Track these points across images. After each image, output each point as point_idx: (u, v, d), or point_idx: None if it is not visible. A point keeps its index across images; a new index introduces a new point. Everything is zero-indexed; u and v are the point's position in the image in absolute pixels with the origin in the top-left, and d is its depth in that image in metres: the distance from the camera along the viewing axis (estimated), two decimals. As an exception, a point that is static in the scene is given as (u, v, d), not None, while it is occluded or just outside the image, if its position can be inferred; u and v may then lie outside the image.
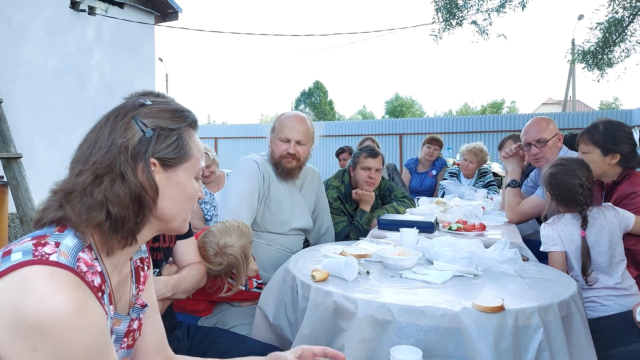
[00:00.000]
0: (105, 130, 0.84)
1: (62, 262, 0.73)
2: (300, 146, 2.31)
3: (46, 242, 0.75)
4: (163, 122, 0.87)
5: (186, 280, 1.47)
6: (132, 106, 0.87)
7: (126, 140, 0.83)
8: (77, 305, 0.69)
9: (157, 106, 0.89)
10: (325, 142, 14.48)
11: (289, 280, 1.64)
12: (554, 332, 1.30)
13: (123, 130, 0.84)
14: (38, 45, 6.12)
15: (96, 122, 0.88)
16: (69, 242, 0.78)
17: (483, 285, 1.51)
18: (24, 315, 0.66)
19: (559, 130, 2.84)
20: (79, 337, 0.69)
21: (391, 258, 1.70)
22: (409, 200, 3.23)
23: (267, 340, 1.70)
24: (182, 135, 0.90)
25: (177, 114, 0.90)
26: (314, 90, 45.47)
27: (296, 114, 2.39)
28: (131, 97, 0.92)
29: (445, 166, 5.21)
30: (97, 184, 0.80)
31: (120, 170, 0.81)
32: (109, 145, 0.82)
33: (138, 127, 0.84)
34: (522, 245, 2.18)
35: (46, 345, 0.67)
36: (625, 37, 8.54)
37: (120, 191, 0.81)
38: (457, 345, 1.26)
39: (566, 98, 20.16)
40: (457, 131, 12.77)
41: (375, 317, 1.30)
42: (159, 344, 1.09)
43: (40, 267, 0.70)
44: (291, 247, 2.37)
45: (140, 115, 0.86)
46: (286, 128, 2.32)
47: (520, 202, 2.73)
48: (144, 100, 0.89)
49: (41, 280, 0.69)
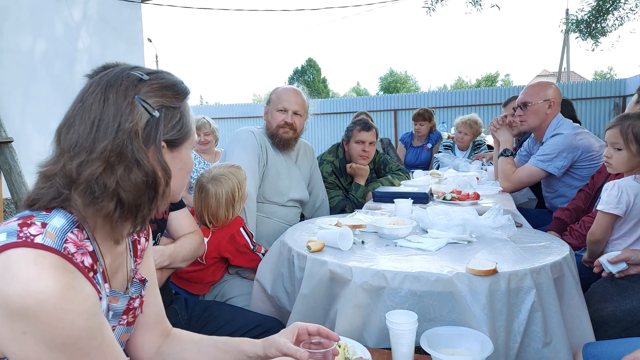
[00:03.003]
0: (108, 113, 0.78)
1: (47, 245, 0.70)
2: (296, 117, 2.35)
3: (32, 223, 0.72)
4: (166, 100, 0.84)
5: (183, 249, 1.48)
6: (129, 82, 0.81)
7: (134, 123, 0.78)
8: (63, 289, 0.67)
9: (156, 82, 0.84)
10: (320, 120, 14.42)
11: (285, 252, 1.65)
12: (546, 294, 1.32)
13: (128, 112, 0.78)
14: (24, 29, 6.00)
15: (82, 97, 0.81)
16: (56, 222, 0.75)
17: (477, 250, 1.53)
18: (9, 300, 0.65)
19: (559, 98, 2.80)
20: (66, 320, 0.67)
21: (386, 227, 1.71)
22: (404, 172, 3.23)
23: (265, 311, 1.72)
24: (183, 112, 0.88)
25: (177, 89, 0.87)
26: (307, 68, 45.00)
27: (292, 87, 2.44)
28: (112, 69, 0.84)
29: (440, 139, 5.20)
30: (109, 173, 0.76)
31: (135, 157, 0.77)
32: (116, 130, 0.77)
33: (143, 109, 0.80)
34: (516, 213, 2.20)
35: (34, 330, 0.66)
36: (619, 5, 8.45)
37: (137, 179, 0.78)
38: (451, 309, 1.28)
39: (560, 69, 20.07)
40: (451, 105, 12.73)
41: (370, 284, 1.31)
42: (157, 317, 1.09)
43: (25, 250, 0.68)
44: (289, 219, 2.40)
45: (142, 94, 0.81)
46: (283, 99, 2.36)
47: (514, 170, 2.74)
48: (140, 75, 0.83)
49: (25, 264, 0.67)
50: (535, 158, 2.69)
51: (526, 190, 3.13)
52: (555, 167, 2.63)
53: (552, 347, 1.29)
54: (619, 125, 1.87)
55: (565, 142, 2.62)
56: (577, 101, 11.00)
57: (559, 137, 2.64)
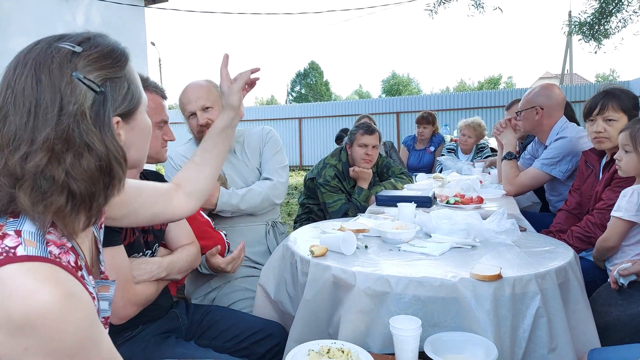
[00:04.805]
0: (44, 96, 0.69)
1: (32, 255, 0.65)
2: (209, 111, 2.08)
3: (5, 234, 0.67)
4: (109, 72, 0.76)
5: (180, 260, 1.47)
6: (62, 58, 0.72)
7: (79, 104, 0.70)
8: (63, 299, 0.64)
9: (93, 52, 0.75)
10: (322, 123, 14.44)
11: (288, 256, 1.64)
12: (551, 299, 1.31)
13: (70, 92, 0.70)
14: (26, 34, 6.03)
15: (8, 83, 0.71)
16: (29, 227, 0.69)
17: (481, 255, 1.52)
18: (10, 318, 0.62)
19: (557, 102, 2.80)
20: (68, 331, 0.65)
21: (389, 232, 1.70)
22: (407, 176, 3.23)
23: (268, 316, 1.72)
24: (129, 78, 0.81)
25: (116, 55, 0.79)
26: (309, 71, 45.10)
27: (190, 84, 2.17)
28: (36, 45, 0.74)
29: (443, 142, 5.19)
30: (56, 163, 0.69)
31: (85, 141, 0.70)
32: (58, 114, 0.69)
33: (85, 86, 0.72)
34: (520, 217, 2.19)
35: (36, 345, 0.64)
36: (622, 7, 8.44)
37: (90, 164, 0.71)
38: (456, 315, 1.27)
39: (563, 71, 20.05)
40: (454, 108, 12.72)
41: (374, 289, 1.31)
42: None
43: (11, 266, 0.63)
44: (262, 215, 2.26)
45: (80, 69, 0.72)
46: (185, 103, 2.11)
47: (518, 174, 2.73)
48: (72, 47, 0.74)
49: (18, 281, 0.63)
50: (540, 162, 2.68)
51: (530, 194, 3.11)
52: (559, 170, 2.62)
53: (557, 353, 1.28)
54: (630, 127, 1.87)
55: (569, 145, 2.60)
56: (579, 103, 10.97)
57: (563, 141, 2.63)
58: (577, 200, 2.38)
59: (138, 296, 1.29)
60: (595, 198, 2.13)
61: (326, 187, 2.95)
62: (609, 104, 2.12)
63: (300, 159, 14.72)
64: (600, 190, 2.10)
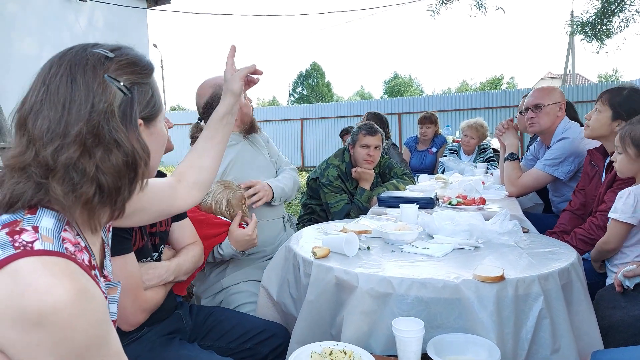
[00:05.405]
0: (78, 94, 0.74)
1: (49, 249, 0.67)
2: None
3: (22, 229, 0.68)
4: (136, 77, 0.83)
5: (186, 262, 1.49)
6: (96, 61, 0.78)
7: (109, 103, 0.76)
8: (77, 295, 0.65)
9: (123, 58, 0.82)
10: (324, 124, 14.44)
11: (291, 258, 1.65)
12: (554, 300, 1.31)
13: (101, 92, 0.76)
14: (31, 36, 6.06)
15: (44, 81, 0.76)
16: (46, 223, 0.71)
17: (483, 256, 1.52)
18: (25, 314, 0.63)
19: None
20: (80, 328, 0.66)
21: (392, 233, 1.70)
22: (409, 177, 3.23)
23: (271, 317, 1.72)
24: (153, 87, 0.88)
25: (143, 64, 0.86)
26: (311, 72, 45.13)
27: (204, 81, 2.27)
28: (71, 49, 0.80)
29: (445, 143, 5.18)
30: (87, 157, 0.73)
31: (114, 138, 0.75)
32: (90, 111, 0.74)
33: (115, 87, 0.78)
34: (523, 218, 2.19)
35: (48, 341, 0.64)
36: (624, 7, 8.43)
37: (118, 160, 0.75)
38: (459, 316, 1.27)
39: (565, 71, 20.01)
40: (456, 108, 12.70)
41: (377, 290, 1.31)
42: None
43: (28, 259, 0.65)
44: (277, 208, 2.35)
45: (112, 72, 0.78)
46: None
47: (520, 175, 2.73)
48: (105, 52, 0.80)
49: (34, 275, 0.64)
50: (542, 162, 2.68)
51: (532, 195, 3.11)
52: (562, 171, 2.61)
53: (560, 355, 1.28)
54: (622, 129, 1.88)
55: (572, 146, 2.60)
56: (582, 104, 10.95)
57: (565, 142, 2.63)
58: (581, 201, 2.38)
59: (148, 302, 1.31)
60: (598, 200, 2.13)
61: (329, 188, 2.95)
62: (602, 96, 2.19)
63: (302, 160, 14.72)
64: (603, 192, 2.10)
